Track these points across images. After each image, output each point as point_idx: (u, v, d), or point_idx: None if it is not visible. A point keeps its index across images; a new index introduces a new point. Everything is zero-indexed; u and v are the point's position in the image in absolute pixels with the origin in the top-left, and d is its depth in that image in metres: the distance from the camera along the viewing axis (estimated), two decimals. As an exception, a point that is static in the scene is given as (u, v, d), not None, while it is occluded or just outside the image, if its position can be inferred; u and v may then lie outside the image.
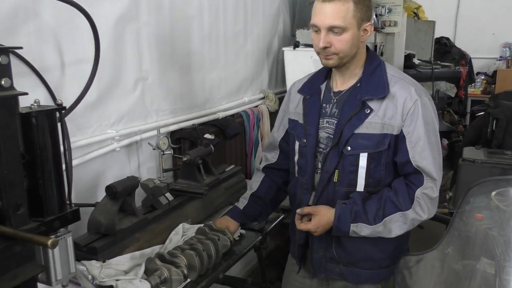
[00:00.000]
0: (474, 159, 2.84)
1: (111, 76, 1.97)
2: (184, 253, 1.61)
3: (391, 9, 3.29)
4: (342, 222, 1.57)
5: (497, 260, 1.46)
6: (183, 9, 2.38)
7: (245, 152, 3.06)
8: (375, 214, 1.56)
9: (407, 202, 1.55)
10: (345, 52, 1.53)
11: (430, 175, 1.54)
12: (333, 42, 1.50)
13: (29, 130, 1.05)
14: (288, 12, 3.59)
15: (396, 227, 1.56)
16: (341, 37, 1.49)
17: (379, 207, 1.56)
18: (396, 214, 1.55)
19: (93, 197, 1.93)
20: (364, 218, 1.56)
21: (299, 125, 1.71)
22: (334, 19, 1.47)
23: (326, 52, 1.53)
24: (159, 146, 2.05)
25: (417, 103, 1.53)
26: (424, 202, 1.55)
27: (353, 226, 1.57)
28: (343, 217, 1.57)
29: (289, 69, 3.19)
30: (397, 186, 1.58)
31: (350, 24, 1.48)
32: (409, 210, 1.55)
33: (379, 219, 1.56)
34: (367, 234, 1.58)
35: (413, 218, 1.55)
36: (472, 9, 7.22)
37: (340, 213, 1.57)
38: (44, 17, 1.64)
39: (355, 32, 1.51)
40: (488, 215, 1.60)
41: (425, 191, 1.54)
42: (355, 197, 1.59)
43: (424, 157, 1.53)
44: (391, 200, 1.56)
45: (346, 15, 1.47)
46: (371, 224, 1.56)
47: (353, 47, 1.53)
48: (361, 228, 1.57)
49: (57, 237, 1.08)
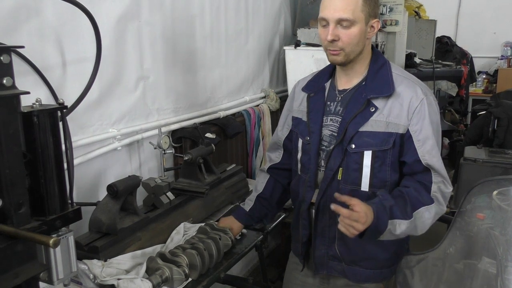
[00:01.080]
0: (475, 159, 2.84)
1: (113, 75, 1.97)
2: (186, 252, 1.61)
3: (392, 8, 3.28)
4: (381, 220, 1.44)
5: (498, 259, 1.46)
6: (184, 8, 2.38)
7: (246, 151, 3.06)
8: (406, 209, 1.50)
9: (428, 197, 1.54)
10: (352, 48, 1.52)
11: (439, 172, 1.54)
12: (340, 36, 1.50)
13: (30, 129, 1.05)
14: (289, 11, 3.59)
15: (422, 223, 1.52)
16: (349, 30, 1.49)
17: (405, 202, 1.51)
18: (421, 208, 1.52)
19: (94, 196, 1.93)
20: (399, 214, 1.48)
21: (302, 122, 1.71)
22: (343, 12, 1.47)
23: (333, 46, 1.52)
24: (160, 145, 2.05)
25: (424, 102, 1.53)
26: (440, 196, 1.54)
27: (389, 224, 1.46)
28: (382, 214, 1.45)
29: (290, 68, 3.19)
30: (412, 184, 1.56)
31: (359, 18, 1.48)
32: (433, 204, 1.53)
33: (410, 214, 1.50)
34: (401, 232, 1.49)
35: (436, 211, 1.54)
36: (473, 8, 7.22)
37: (378, 210, 1.45)
38: (46, 15, 1.64)
39: (362, 27, 1.50)
40: (489, 215, 1.60)
41: (438, 185, 1.54)
42: (383, 194, 1.52)
43: (434, 155, 1.53)
44: (414, 196, 1.53)
45: (355, 9, 1.47)
46: (406, 219, 1.49)
47: (360, 42, 1.53)
48: (398, 224, 1.48)
49: (58, 236, 1.08)
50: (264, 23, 3.22)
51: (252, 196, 1.91)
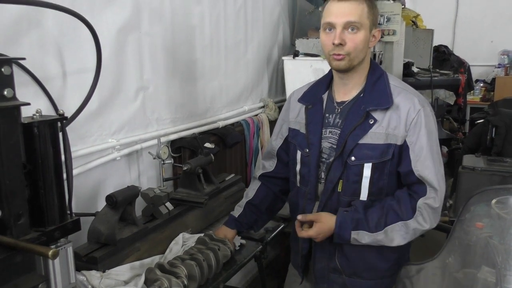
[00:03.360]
0: (474, 167, 2.84)
1: (113, 85, 1.98)
2: (184, 263, 1.61)
3: (389, 18, 3.30)
4: (343, 230, 1.57)
5: (498, 268, 1.46)
6: (184, 19, 2.39)
7: (245, 161, 3.06)
8: (376, 222, 1.56)
9: (409, 211, 1.55)
10: (356, 53, 1.53)
11: (432, 185, 1.54)
12: (347, 40, 1.51)
13: (31, 140, 1.06)
14: (287, 22, 3.61)
15: (398, 236, 1.56)
16: (356, 35, 1.51)
17: (381, 216, 1.56)
18: (398, 223, 1.55)
19: (93, 207, 1.93)
20: (365, 226, 1.56)
21: (300, 134, 1.71)
22: (351, 16, 1.50)
23: (338, 50, 1.52)
24: (160, 155, 2.05)
25: (420, 114, 1.54)
26: (426, 212, 1.54)
27: (354, 234, 1.57)
28: (345, 225, 1.57)
29: (289, 78, 3.21)
30: (400, 196, 1.58)
31: (365, 23, 1.52)
32: (411, 219, 1.55)
33: (381, 227, 1.56)
34: (368, 242, 1.57)
35: (415, 228, 1.55)
36: (470, 17, 7.28)
37: (342, 220, 1.57)
38: (47, 27, 1.65)
39: (367, 34, 1.53)
40: (488, 224, 1.60)
41: (427, 201, 1.54)
42: (357, 204, 1.59)
43: (426, 167, 1.53)
44: (393, 209, 1.56)
45: (362, 14, 1.51)
46: (372, 232, 1.56)
47: (364, 49, 1.55)
48: (362, 235, 1.57)
49: (57, 247, 1.08)
50: (263, 33, 3.24)
51: (242, 202, 1.91)
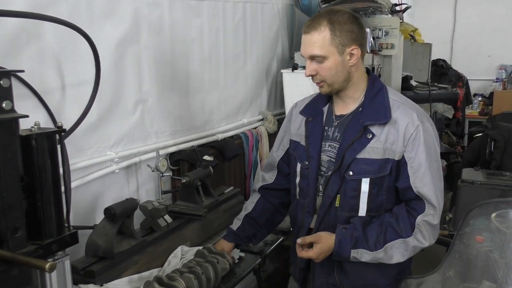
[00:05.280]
0: (473, 181, 2.83)
1: (111, 98, 1.98)
2: (183, 276, 1.59)
3: (388, 32, 3.34)
4: (342, 248, 1.55)
5: (499, 283, 1.45)
6: (183, 32, 2.41)
7: (244, 173, 3.06)
8: (375, 240, 1.54)
9: (408, 229, 1.54)
10: (332, 79, 1.55)
11: (430, 202, 1.53)
12: (318, 70, 1.55)
13: (29, 153, 1.05)
14: (286, 35, 3.64)
15: (398, 254, 1.54)
16: (323, 65, 1.53)
17: (380, 233, 1.55)
18: (397, 240, 1.54)
19: (91, 219, 1.92)
20: (364, 244, 1.54)
21: (300, 146, 1.71)
22: (313, 48, 1.53)
23: (314, 79, 1.58)
24: (158, 168, 2.05)
25: (419, 129, 1.52)
26: (425, 229, 1.53)
27: (353, 252, 1.55)
28: (344, 243, 1.55)
29: (288, 91, 3.21)
30: (398, 212, 1.57)
31: (329, 52, 1.51)
32: (410, 237, 1.53)
33: (380, 245, 1.54)
34: (368, 260, 1.55)
35: (414, 245, 1.54)
36: (468, 31, 7.34)
37: (341, 239, 1.55)
38: (46, 39, 1.66)
39: (337, 59, 1.52)
40: (488, 237, 1.59)
41: (426, 218, 1.53)
42: (356, 221, 1.57)
43: (425, 184, 1.52)
44: (392, 226, 1.55)
45: (324, 44, 1.51)
46: (371, 250, 1.54)
47: (339, 73, 1.55)
48: (362, 254, 1.55)
49: (54, 261, 1.07)
50: (262, 46, 3.26)
51: (241, 215, 1.90)
